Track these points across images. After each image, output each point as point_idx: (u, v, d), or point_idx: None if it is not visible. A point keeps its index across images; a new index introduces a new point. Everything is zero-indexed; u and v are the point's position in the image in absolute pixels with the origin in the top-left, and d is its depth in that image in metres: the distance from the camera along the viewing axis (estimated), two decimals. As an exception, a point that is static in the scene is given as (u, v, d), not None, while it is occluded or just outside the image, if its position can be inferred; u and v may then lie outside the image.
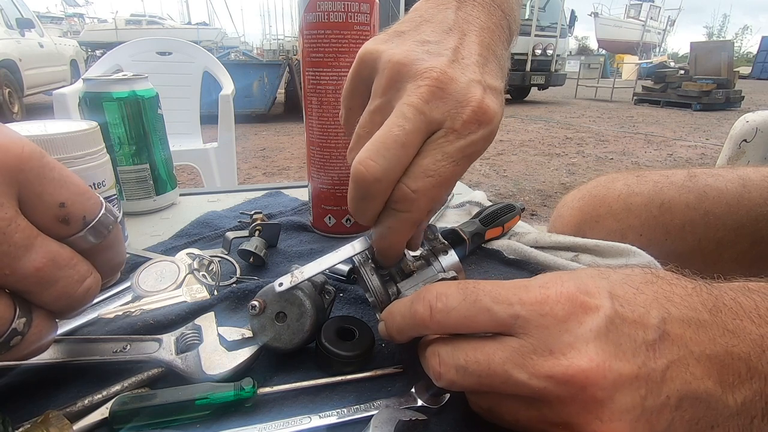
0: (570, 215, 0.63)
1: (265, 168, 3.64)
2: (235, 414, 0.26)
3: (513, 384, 0.21)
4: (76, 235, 0.20)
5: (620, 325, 0.21)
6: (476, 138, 0.26)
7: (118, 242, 0.23)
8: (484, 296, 0.23)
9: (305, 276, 0.30)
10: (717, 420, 0.21)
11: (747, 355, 0.21)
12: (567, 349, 0.21)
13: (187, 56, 1.80)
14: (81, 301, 0.21)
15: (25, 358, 0.21)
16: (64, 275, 0.20)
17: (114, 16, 20.89)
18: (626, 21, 25.48)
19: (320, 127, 0.48)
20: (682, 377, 0.20)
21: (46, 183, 0.19)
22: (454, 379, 0.23)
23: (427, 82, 0.26)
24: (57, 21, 24.96)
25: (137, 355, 0.29)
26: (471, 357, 0.22)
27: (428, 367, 0.25)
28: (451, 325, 0.24)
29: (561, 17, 8.80)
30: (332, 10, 0.43)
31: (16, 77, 5.18)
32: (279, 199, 0.64)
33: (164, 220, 0.57)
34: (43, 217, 0.19)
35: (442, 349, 0.24)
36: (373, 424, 0.24)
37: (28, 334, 0.20)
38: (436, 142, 0.25)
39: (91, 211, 0.21)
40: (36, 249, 0.19)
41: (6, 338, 0.19)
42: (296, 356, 0.31)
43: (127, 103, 0.53)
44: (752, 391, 0.21)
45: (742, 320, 0.22)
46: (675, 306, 0.22)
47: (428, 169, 0.25)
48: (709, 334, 0.21)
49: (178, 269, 0.40)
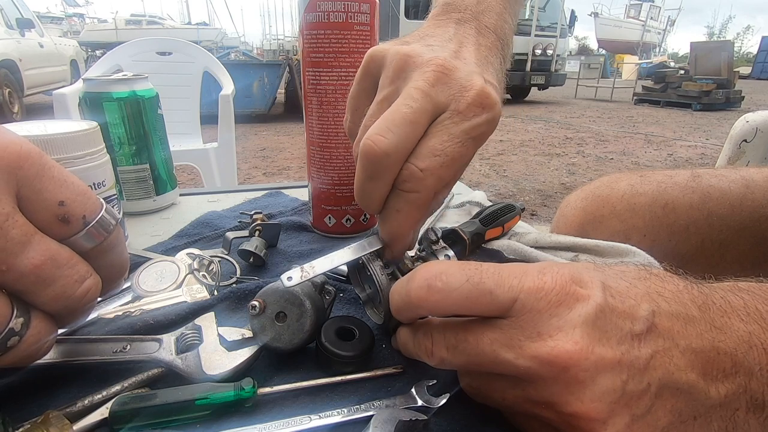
0: (573, 215, 0.63)
1: (265, 168, 3.64)
2: (235, 414, 0.26)
3: (500, 363, 0.22)
4: (76, 236, 0.20)
5: (609, 315, 0.22)
6: (480, 121, 0.27)
7: (119, 245, 0.23)
8: (487, 279, 0.23)
9: (316, 272, 0.29)
10: (698, 411, 0.21)
11: (733, 351, 0.21)
12: (554, 332, 0.21)
13: (187, 56, 1.80)
14: (80, 302, 0.21)
15: (24, 362, 0.21)
16: (62, 275, 0.20)
17: (114, 16, 20.91)
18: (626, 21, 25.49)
19: (320, 127, 0.48)
20: (665, 367, 0.21)
21: (45, 181, 0.19)
22: (445, 357, 0.24)
23: (432, 68, 0.28)
24: (57, 21, 24.96)
25: (137, 355, 0.29)
26: (461, 336, 0.23)
27: (420, 347, 0.25)
28: (450, 305, 0.23)
29: (561, 17, 8.79)
30: (332, 10, 0.43)
31: (16, 77, 5.17)
32: (279, 199, 0.64)
33: (164, 220, 0.57)
34: (43, 216, 0.19)
35: (434, 329, 0.25)
36: (373, 424, 0.24)
37: (26, 335, 0.20)
38: (442, 123, 0.27)
39: (91, 211, 0.21)
40: (34, 246, 0.19)
41: (3, 338, 0.19)
42: (296, 356, 0.31)
43: (127, 103, 0.53)
44: (736, 384, 0.21)
45: (730, 317, 0.22)
46: (665, 301, 0.23)
47: (435, 149, 0.26)
48: (697, 329, 0.22)
49: (178, 269, 0.40)
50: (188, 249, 0.44)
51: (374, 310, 0.35)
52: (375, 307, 0.35)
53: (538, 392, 0.22)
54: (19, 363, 0.21)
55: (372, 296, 0.35)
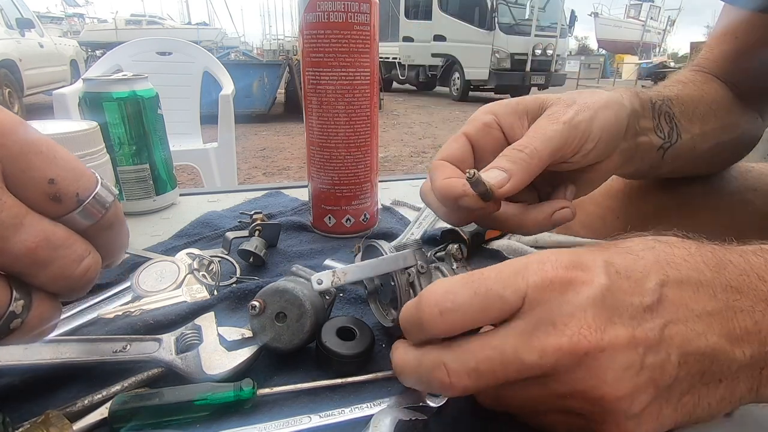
0: None
1: (265, 168, 3.64)
2: (235, 414, 0.26)
3: (527, 368, 0.21)
4: (70, 214, 0.19)
5: (616, 292, 0.21)
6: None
7: (118, 221, 0.21)
8: (493, 284, 0.22)
9: (348, 279, 0.29)
10: (724, 373, 0.21)
11: (751, 309, 0.21)
12: (568, 319, 0.21)
13: (187, 56, 1.80)
14: (80, 281, 0.20)
15: (33, 340, 0.20)
16: (59, 255, 0.19)
17: (114, 16, 20.91)
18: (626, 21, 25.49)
19: (320, 127, 0.48)
20: (682, 335, 0.21)
21: (31, 158, 0.18)
22: (468, 385, 0.22)
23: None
24: (57, 21, 24.94)
25: (137, 355, 0.29)
26: (481, 356, 0.21)
27: (432, 381, 0.23)
28: (464, 322, 0.22)
29: (561, 17, 8.79)
30: (332, 10, 0.43)
31: (16, 77, 5.17)
32: (279, 199, 0.64)
33: (164, 220, 0.57)
34: (32, 195, 0.18)
35: (446, 356, 0.22)
36: (373, 424, 0.24)
37: (28, 317, 0.19)
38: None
39: (84, 189, 0.19)
40: (26, 228, 0.18)
41: (4, 322, 0.18)
42: (296, 356, 0.31)
43: (127, 103, 0.53)
44: (758, 343, 0.21)
45: (748, 276, 0.22)
46: (675, 268, 0.22)
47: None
48: (709, 291, 0.22)
49: (178, 269, 0.40)
50: (188, 249, 0.44)
51: (377, 304, 0.35)
52: (379, 301, 0.35)
53: (564, 385, 0.21)
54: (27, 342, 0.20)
55: (378, 290, 0.35)
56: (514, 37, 8.36)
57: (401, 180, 0.75)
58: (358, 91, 0.47)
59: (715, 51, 0.51)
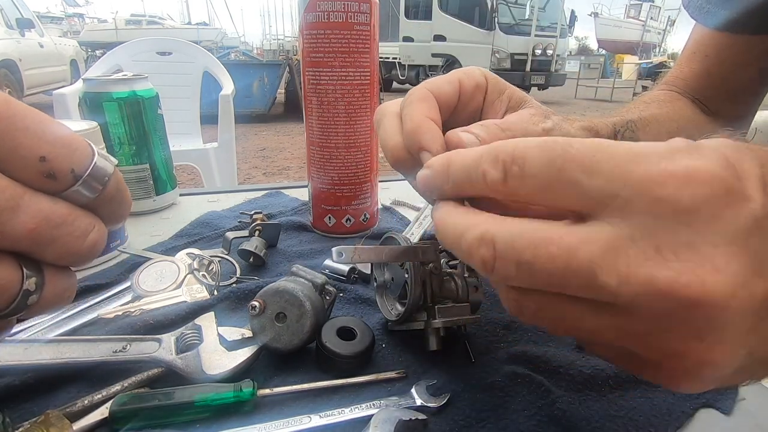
0: None
1: (265, 168, 3.64)
2: (235, 414, 0.26)
3: (595, 288, 0.15)
4: (69, 190, 0.18)
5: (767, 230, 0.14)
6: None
7: (120, 191, 0.21)
8: (574, 166, 0.16)
9: (363, 259, 0.28)
10: None
11: None
12: (683, 250, 0.14)
13: (187, 56, 1.80)
14: (87, 255, 0.19)
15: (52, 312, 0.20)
16: (62, 233, 0.18)
17: (114, 16, 20.89)
18: (626, 21, 25.48)
19: (320, 127, 0.48)
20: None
21: (19, 135, 0.17)
22: (511, 275, 0.17)
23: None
24: (57, 21, 24.95)
25: (137, 355, 0.29)
26: (543, 251, 0.16)
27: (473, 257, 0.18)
28: (523, 195, 0.18)
29: (561, 17, 8.80)
30: (332, 10, 0.43)
31: (16, 77, 5.17)
32: (279, 199, 0.64)
33: (164, 220, 0.57)
34: (26, 174, 0.17)
35: (499, 234, 0.17)
36: (373, 424, 0.24)
37: (43, 292, 0.18)
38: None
39: (79, 163, 0.18)
40: (24, 209, 0.17)
41: (20, 300, 0.18)
42: (296, 357, 0.31)
43: (127, 103, 0.53)
44: None
45: None
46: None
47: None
48: None
49: (178, 269, 0.40)
50: (188, 249, 0.44)
51: (384, 298, 0.35)
52: (386, 296, 0.35)
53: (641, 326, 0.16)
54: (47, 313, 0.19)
55: (388, 284, 0.35)
56: (514, 37, 8.37)
57: (401, 180, 0.75)
58: (358, 91, 0.47)
59: (685, 69, 0.51)
